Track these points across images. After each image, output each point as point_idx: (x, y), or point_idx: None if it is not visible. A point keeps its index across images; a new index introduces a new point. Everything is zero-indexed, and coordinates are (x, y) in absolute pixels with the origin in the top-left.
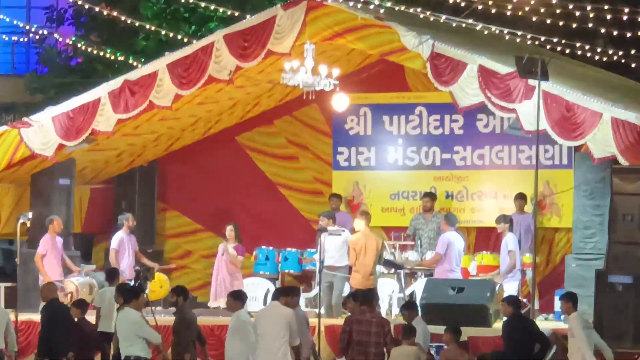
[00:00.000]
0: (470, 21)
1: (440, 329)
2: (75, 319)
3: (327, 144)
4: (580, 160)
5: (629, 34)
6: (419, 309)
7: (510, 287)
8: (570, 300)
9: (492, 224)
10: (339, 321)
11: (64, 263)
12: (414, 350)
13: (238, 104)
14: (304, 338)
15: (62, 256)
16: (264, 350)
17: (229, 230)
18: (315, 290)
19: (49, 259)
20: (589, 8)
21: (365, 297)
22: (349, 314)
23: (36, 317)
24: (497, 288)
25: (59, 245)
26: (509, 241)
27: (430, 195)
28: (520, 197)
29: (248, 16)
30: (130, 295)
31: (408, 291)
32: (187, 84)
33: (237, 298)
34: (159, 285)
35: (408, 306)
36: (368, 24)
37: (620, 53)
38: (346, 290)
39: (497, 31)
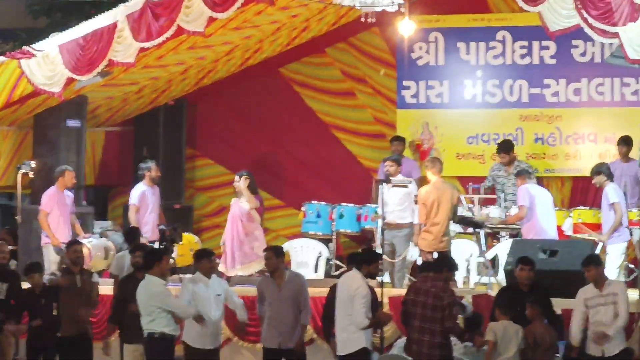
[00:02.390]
0: None
1: None
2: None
3: (390, 76)
4: None
5: None
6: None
7: (615, 249)
8: None
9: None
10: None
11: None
12: (518, 329)
13: (282, 29)
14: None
15: (70, 215)
16: (337, 327)
17: (236, 181)
18: None
19: (55, 217)
20: None
21: (436, 262)
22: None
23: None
24: (598, 250)
25: (67, 202)
26: (610, 192)
27: (504, 148)
28: (625, 142)
29: None
30: (151, 259)
31: (489, 255)
32: (222, 4)
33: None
34: (188, 248)
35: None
36: None
37: None
38: (412, 254)
39: None
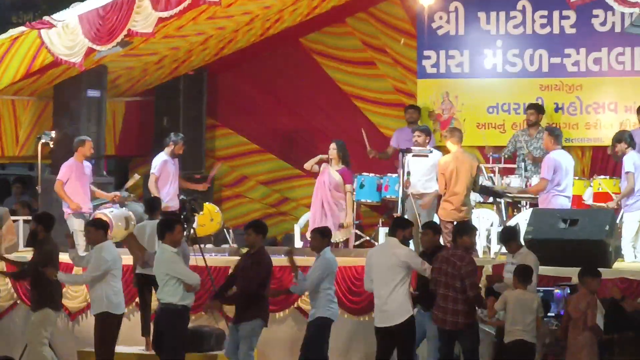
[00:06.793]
0: None
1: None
2: None
3: (410, 46)
4: None
5: None
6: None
7: (631, 217)
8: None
9: (611, 142)
10: None
11: (92, 194)
12: (535, 298)
13: None
14: None
15: (89, 185)
16: (377, 298)
17: (331, 148)
18: None
19: (74, 187)
20: None
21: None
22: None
23: (63, 257)
24: (619, 219)
25: (86, 172)
26: (626, 160)
27: (536, 107)
28: None
29: None
30: (163, 228)
31: (510, 224)
32: None
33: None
34: (209, 218)
35: (507, 236)
36: None
37: None
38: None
39: None
